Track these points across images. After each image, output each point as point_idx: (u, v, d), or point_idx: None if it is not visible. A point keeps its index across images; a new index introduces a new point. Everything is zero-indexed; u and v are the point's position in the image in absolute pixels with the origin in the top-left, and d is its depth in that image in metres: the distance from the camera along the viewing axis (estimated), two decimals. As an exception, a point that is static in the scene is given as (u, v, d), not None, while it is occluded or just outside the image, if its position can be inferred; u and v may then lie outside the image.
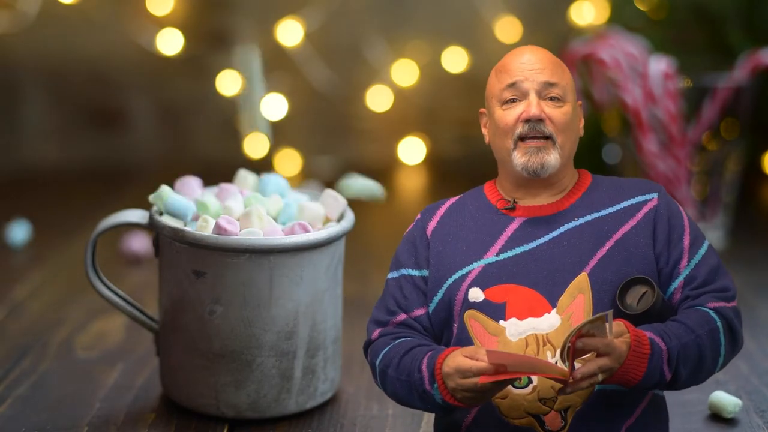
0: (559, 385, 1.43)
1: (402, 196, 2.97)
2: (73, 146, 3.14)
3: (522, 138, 1.49)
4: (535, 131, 1.48)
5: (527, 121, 1.48)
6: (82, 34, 3.07)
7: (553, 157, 1.48)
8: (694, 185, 2.51)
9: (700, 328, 1.45)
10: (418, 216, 1.57)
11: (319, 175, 2.99)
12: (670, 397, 1.83)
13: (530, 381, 1.45)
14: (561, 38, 2.92)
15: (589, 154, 2.80)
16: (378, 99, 3.13)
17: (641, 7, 2.81)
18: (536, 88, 1.49)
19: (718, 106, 2.47)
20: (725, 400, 1.76)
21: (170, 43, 3.07)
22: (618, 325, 1.41)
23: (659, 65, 2.45)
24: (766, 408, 1.79)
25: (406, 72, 3.11)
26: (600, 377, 1.39)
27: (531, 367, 1.38)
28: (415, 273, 1.54)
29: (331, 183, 1.92)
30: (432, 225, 1.54)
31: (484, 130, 1.55)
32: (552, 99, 1.49)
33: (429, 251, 1.53)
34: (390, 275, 1.56)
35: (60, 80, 3.10)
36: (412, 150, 3.16)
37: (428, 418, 1.76)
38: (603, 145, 2.69)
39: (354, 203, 1.86)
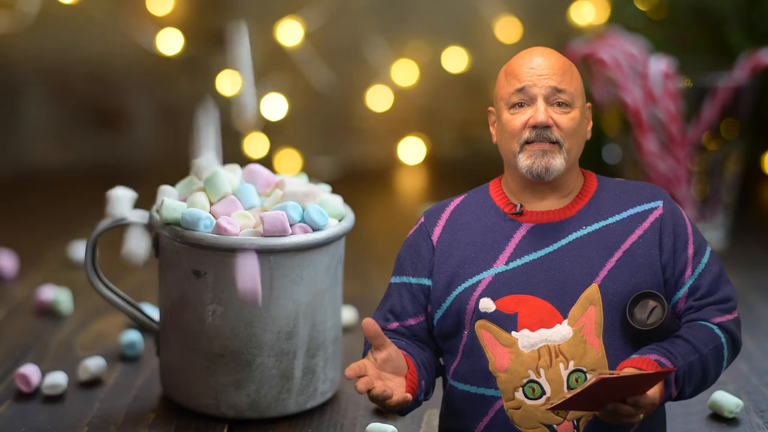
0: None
1: (402, 196, 2.97)
2: (73, 146, 3.13)
3: (528, 142, 1.49)
4: (541, 137, 1.49)
5: (534, 127, 1.49)
6: (82, 34, 3.07)
7: (558, 161, 1.49)
8: (694, 185, 2.51)
9: (705, 347, 1.48)
10: (422, 219, 1.56)
11: (320, 175, 2.99)
12: (670, 397, 1.83)
13: (543, 392, 1.47)
14: (561, 38, 2.92)
15: (589, 154, 2.79)
16: (378, 99, 3.13)
17: (641, 7, 2.81)
18: (544, 94, 1.49)
19: (718, 106, 2.47)
20: (725, 400, 1.76)
21: (170, 43, 3.07)
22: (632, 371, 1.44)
23: (659, 65, 2.44)
24: (766, 408, 1.79)
25: (406, 72, 3.11)
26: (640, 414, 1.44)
27: None
28: (413, 281, 1.54)
29: (330, 183, 1.91)
30: (437, 231, 1.54)
31: (492, 129, 1.55)
32: (560, 104, 1.49)
33: (434, 257, 1.53)
34: (393, 279, 1.56)
35: (60, 80, 3.10)
36: (412, 150, 3.16)
37: (428, 418, 1.76)
38: (603, 145, 2.69)
39: (354, 203, 1.86)
